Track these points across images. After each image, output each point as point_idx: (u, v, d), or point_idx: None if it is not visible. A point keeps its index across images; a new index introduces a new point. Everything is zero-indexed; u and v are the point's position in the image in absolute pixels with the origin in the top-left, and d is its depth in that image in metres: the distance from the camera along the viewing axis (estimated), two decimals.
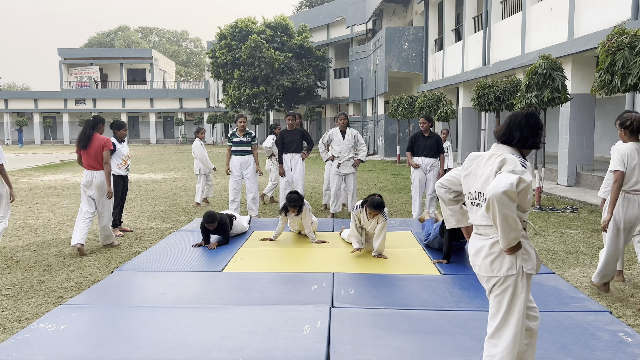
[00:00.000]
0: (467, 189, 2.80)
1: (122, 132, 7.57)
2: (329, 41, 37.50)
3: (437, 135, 8.30)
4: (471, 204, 2.77)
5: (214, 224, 6.13)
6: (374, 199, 5.51)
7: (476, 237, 2.77)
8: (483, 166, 2.70)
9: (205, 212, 6.14)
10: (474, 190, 2.72)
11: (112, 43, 74.59)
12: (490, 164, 2.66)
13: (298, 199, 6.28)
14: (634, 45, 6.47)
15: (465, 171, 2.81)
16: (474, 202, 2.74)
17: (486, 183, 2.61)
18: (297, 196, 6.31)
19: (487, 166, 2.67)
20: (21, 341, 3.55)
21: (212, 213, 6.14)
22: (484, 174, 2.66)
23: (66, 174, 17.18)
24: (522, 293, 2.63)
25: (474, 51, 18.30)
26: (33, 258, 6.09)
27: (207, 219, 6.11)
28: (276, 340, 3.54)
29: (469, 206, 2.81)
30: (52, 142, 48.88)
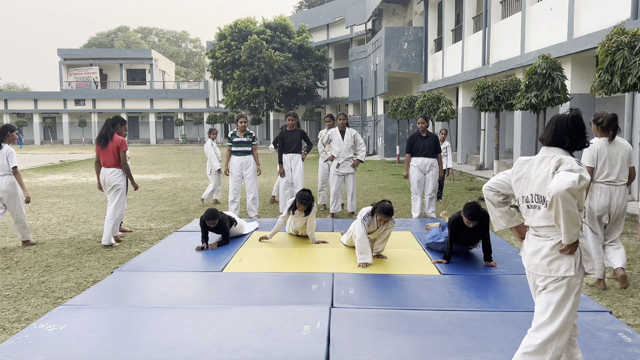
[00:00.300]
0: (520, 193, 2.85)
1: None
2: (328, 41, 37.52)
3: (434, 135, 8.31)
4: (527, 207, 2.81)
5: (215, 221, 6.08)
6: (385, 205, 5.36)
7: (534, 238, 2.80)
8: (536, 169, 2.75)
9: (207, 209, 6.12)
10: (530, 194, 2.77)
11: (111, 43, 74.59)
12: (544, 166, 2.71)
13: (310, 197, 6.19)
14: (634, 45, 6.46)
15: (516, 175, 2.87)
16: (531, 204, 2.78)
17: (543, 185, 2.67)
18: (310, 194, 6.22)
19: (540, 169, 2.73)
20: (21, 342, 3.55)
21: (214, 210, 6.13)
22: (539, 177, 2.71)
23: (66, 174, 17.17)
24: (574, 294, 2.66)
25: (474, 51, 18.30)
26: (33, 258, 6.09)
27: (209, 215, 6.07)
28: (276, 341, 3.54)
29: (524, 209, 2.84)
30: (51, 142, 48.88)
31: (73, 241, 7.02)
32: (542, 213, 2.71)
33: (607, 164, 4.80)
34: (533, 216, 2.78)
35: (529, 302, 4.29)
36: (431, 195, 8.27)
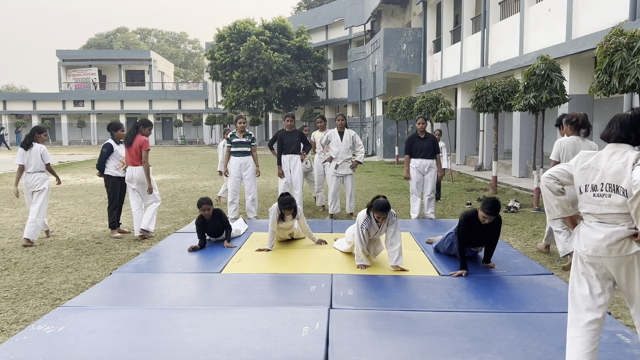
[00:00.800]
0: (584, 181, 2.97)
1: (119, 133, 7.56)
2: (327, 42, 37.53)
3: (432, 136, 8.32)
4: (593, 195, 2.92)
5: (209, 206, 6.26)
6: (379, 201, 5.10)
7: (599, 225, 2.90)
8: (607, 161, 2.89)
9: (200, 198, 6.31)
10: (601, 182, 2.88)
11: (110, 44, 74.57)
12: (617, 159, 2.86)
13: (292, 199, 6.02)
14: (632, 46, 6.47)
15: (582, 165, 2.99)
16: (600, 193, 2.89)
17: (618, 175, 2.81)
18: (290, 197, 6.06)
19: (613, 161, 2.87)
20: (19, 343, 3.54)
21: (207, 198, 6.32)
22: (612, 167, 2.84)
23: (65, 175, 17.15)
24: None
25: (473, 52, 18.32)
26: (31, 260, 6.08)
27: (202, 200, 6.26)
28: (275, 342, 3.54)
29: (587, 197, 2.95)
30: (50, 143, 48.80)
31: (72, 242, 7.01)
32: (611, 201, 2.83)
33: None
34: (599, 204, 2.88)
35: (527, 303, 4.30)
36: (430, 197, 8.27)
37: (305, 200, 10.53)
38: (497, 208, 4.95)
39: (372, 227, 5.28)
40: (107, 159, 7.36)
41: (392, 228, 5.26)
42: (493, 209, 4.95)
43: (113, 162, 7.39)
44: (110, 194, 7.41)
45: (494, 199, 5.00)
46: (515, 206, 9.26)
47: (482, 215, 4.98)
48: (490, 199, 5.03)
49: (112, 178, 7.40)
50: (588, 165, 2.96)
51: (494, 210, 4.95)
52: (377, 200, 5.14)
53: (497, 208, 4.96)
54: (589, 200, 2.94)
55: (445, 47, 21.22)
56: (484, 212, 4.93)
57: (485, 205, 4.98)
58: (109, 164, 7.37)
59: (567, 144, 5.66)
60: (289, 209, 6.00)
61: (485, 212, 4.93)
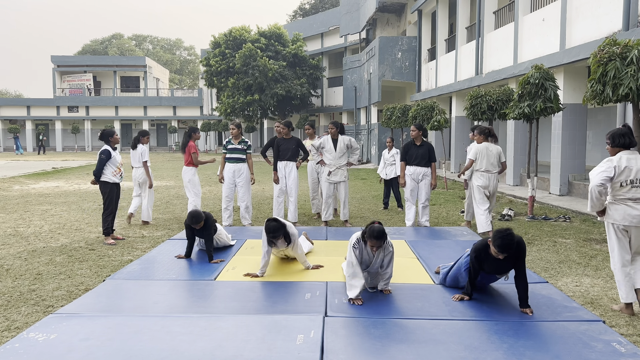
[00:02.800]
0: (625, 177, 4.37)
1: (115, 138, 7.56)
2: (322, 50, 37.64)
3: (429, 144, 8.33)
4: (631, 186, 4.37)
5: (201, 223, 5.91)
6: (374, 228, 4.39)
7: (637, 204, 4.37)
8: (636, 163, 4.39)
9: (189, 212, 5.95)
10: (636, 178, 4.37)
11: (105, 50, 74.50)
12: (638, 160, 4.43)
13: (278, 228, 5.21)
14: (625, 56, 6.52)
15: (620, 169, 4.37)
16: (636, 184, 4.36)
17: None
18: (277, 224, 5.21)
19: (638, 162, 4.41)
20: (11, 351, 3.50)
21: (198, 212, 5.95)
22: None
23: (58, 181, 17.06)
24: None
25: (467, 61, 18.42)
26: (24, 266, 6.02)
27: (192, 219, 5.86)
28: (269, 350, 3.51)
29: (627, 188, 4.38)
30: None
31: (65, 249, 6.96)
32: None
33: (485, 160, 7.78)
34: (636, 191, 4.36)
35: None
36: (424, 204, 8.28)
37: (300, 207, 10.51)
38: (510, 244, 4.10)
39: (366, 253, 4.60)
40: (105, 166, 7.34)
41: (388, 254, 4.66)
42: (506, 247, 4.10)
43: (110, 169, 7.37)
44: (106, 200, 7.37)
45: (506, 232, 4.13)
46: (510, 214, 9.28)
47: (494, 251, 4.20)
48: (501, 231, 4.15)
49: (109, 184, 7.37)
50: (625, 167, 4.36)
51: (507, 247, 4.11)
52: (372, 227, 4.42)
53: (511, 244, 4.11)
54: (628, 190, 4.38)
55: (440, 55, 21.33)
56: (496, 249, 4.15)
57: (495, 240, 4.13)
58: (106, 171, 7.35)
59: (482, 148, 7.81)
60: (274, 237, 5.24)
61: (497, 249, 4.13)
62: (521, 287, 4.26)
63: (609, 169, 4.37)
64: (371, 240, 4.42)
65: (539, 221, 8.98)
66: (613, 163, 4.40)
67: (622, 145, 4.48)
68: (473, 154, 7.84)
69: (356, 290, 4.49)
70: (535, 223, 8.78)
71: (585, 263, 6.08)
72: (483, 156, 7.78)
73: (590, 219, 9.07)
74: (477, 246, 4.44)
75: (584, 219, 9.14)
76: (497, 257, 4.20)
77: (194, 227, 5.96)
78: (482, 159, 7.77)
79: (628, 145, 4.44)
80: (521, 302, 4.28)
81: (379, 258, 4.62)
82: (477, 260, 4.41)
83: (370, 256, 4.61)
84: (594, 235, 7.67)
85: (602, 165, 4.46)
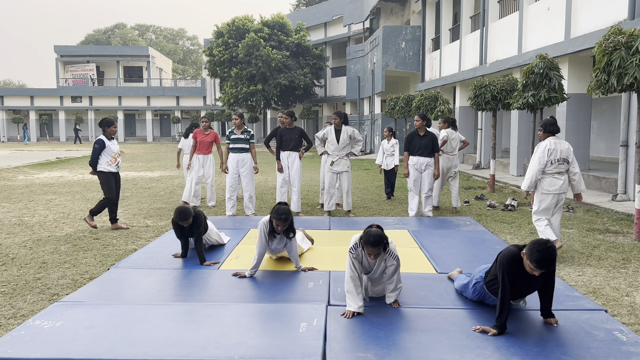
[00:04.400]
0: (553, 157, 5.65)
1: (111, 129, 7.61)
2: (326, 40, 37.48)
3: (432, 134, 8.31)
4: (557, 164, 5.68)
5: (189, 220, 5.39)
6: (370, 233, 3.89)
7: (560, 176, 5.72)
8: (561, 146, 5.69)
9: (177, 208, 5.49)
10: (561, 157, 5.68)
11: (108, 40, 74.36)
12: (562, 144, 5.73)
13: (289, 212, 4.86)
14: (631, 45, 6.48)
15: (551, 151, 5.65)
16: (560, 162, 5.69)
17: (566, 152, 5.71)
18: (288, 208, 4.91)
19: (562, 145, 5.71)
20: (17, 338, 3.54)
21: (186, 208, 5.44)
22: (563, 149, 5.70)
23: (62, 171, 17.12)
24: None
25: (471, 50, 18.32)
26: (29, 255, 6.07)
27: (180, 215, 5.36)
28: (272, 338, 3.54)
29: (553, 165, 5.68)
30: (48, 139, 48.72)
31: (69, 238, 7.00)
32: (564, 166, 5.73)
33: (449, 145, 8.99)
34: (559, 167, 5.72)
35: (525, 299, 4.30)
36: (427, 194, 8.28)
37: (304, 198, 10.53)
38: (552, 259, 3.51)
39: (365, 259, 4.09)
40: (100, 155, 7.39)
41: (392, 269, 4.10)
42: (546, 262, 3.49)
43: (105, 158, 7.44)
44: (104, 189, 7.45)
45: (547, 244, 3.51)
46: (513, 204, 9.27)
47: (529, 266, 3.56)
48: (540, 243, 3.53)
49: (105, 173, 7.44)
50: (554, 149, 5.66)
51: (548, 263, 3.50)
52: (368, 231, 3.91)
53: (552, 259, 3.52)
54: (556, 166, 5.69)
55: (444, 45, 21.22)
56: (533, 265, 3.50)
57: (532, 254, 3.50)
58: (101, 160, 7.42)
59: (450, 133, 9.22)
60: (284, 220, 4.78)
61: (535, 265, 3.49)
62: (547, 297, 3.77)
63: (544, 154, 5.66)
64: (367, 247, 3.90)
65: None
66: (546, 147, 5.68)
67: (551, 132, 5.76)
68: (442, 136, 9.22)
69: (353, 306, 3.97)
70: None
71: (588, 253, 6.08)
72: (452, 140, 9.21)
73: (593, 209, 9.06)
74: (508, 258, 3.68)
75: (587, 209, 9.13)
76: (532, 272, 3.56)
77: (181, 225, 5.45)
78: (450, 142, 9.16)
79: (555, 132, 5.76)
80: (544, 312, 3.82)
81: (380, 267, 4.11)
82: (510, 274, 3.64)
83: (370, 263, 4.11)
84: (597, 226, 7.67)
85: (538, 152, 5.73)
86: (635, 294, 4.65)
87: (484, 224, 7.88)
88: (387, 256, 4.04)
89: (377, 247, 3.88)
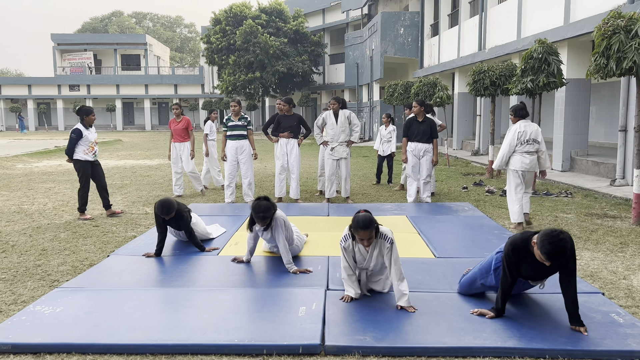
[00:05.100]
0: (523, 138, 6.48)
1: (90, 117, 7.58)
2: (324, 26, 37.26)
3: (431, 120, 8.30)
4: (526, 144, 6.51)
5: (171, 214, 5.17)
6: (358, 217, 3.73)
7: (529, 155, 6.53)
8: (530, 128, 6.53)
9: (158, 200, 5.24)
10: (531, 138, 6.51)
11: (105, 28, 73.87)
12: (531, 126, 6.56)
13: (268, 208, 4.58)
14: (630, 29, 6.45)
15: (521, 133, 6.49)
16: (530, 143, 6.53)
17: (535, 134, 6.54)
18: (268, 203, 4.61)
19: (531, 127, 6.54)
20: (18, 323, 3.56)
21: (169, 200, 5.21)
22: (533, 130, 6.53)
23: (61, 160, 17.09)
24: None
25: (470, 36, 18.23)
26: (29, 242, 6.09)
27: (162, 209, 5.10)
28: (272, 322, 3.56)
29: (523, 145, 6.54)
30: (46, 128, 48.59)
31: (69, 225, 7.01)
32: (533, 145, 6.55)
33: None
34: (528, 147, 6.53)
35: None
36: (426, 180, 8.28)
37: (302, 185, 10.54)
38: (563, 251, 3.26)
39: (357, 249, 3.92)
40: (77, 144, 7.38)
41: (387, 256, 3.86)
42: (557, 254, 3.26)
43: (82, 147, 7.45)
44: (80, 178, 7.51)
45: (559, 235, 3.25)
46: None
47: (539, 256, 3.35)
48: (553, 234, 3.26)
49: (82, 162, 7.46)
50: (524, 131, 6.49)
51: (559, 255, 3.27)
52: (356, 216, 3.76)
53: (564, 251, 3.27)
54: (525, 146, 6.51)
55: (443, 31, 21.10)
56: (544, 255, 3.29)
57: (544, 245, 3.27)
58: (78, 149, 7.44)
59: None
60: (262, 219, 4.59)
61: (546, 256, 3.28)
62: (569, 297, 3.44)
63: (514, 137, 6.52)
64: (357, 231, 3.73)
65: (541, 197, 8.99)
66: (517, 130, 6.54)
67: (521, 116, 6.68)
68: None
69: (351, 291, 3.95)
70: (537, 199, 8.79)
71: (586, 237, 6.11)
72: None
73: (591, 194, 9.08)
74: (515, 244, 3.52)
75: (585, 194, 9.15)
76: (543, 262, 3.37)
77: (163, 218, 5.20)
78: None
79: (524, 116, 6.68)
80: (571, 318, 3.47)
81: (374, 255, 3.91)
82: (515, 263, 3.53)
83: (363, 253, 3.93)
84: (595, 210, 7.69)
85: (509, 135, 6.58)
86: (632, 277, 4.68)
87: (483, 209, 7.90)
88: (380, 240, 3.84)
89: (369, 230, 3.70)
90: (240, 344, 3.26)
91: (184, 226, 5.37)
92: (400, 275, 3.82)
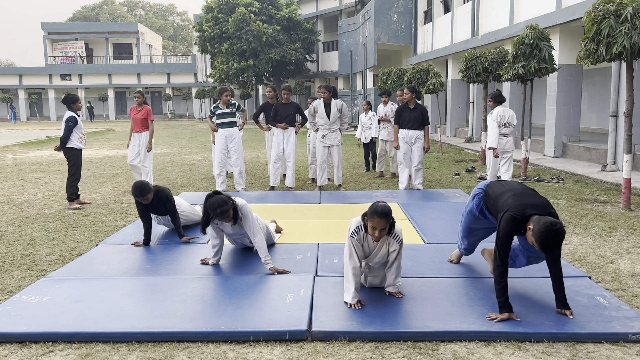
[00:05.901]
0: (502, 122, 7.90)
1: (77, 105, 7.57)
2: (317, 14, 37.01)
3: (422, 108, 8.27)
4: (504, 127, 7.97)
5: (147, 196, 5.07)
6: (378, 204, 3.54)
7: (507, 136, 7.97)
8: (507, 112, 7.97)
9: (134, 182, 5.17)
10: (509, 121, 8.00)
11: (97, 17, 73.15)
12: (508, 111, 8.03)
13: (223, 203, 4.17)
14: (620, 14, 6.42)
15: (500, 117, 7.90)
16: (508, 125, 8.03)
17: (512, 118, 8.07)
18: (221, 197, 4.20)
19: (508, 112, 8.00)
20: (3, 312, 3.54)
21: (142, 183, 5.10)
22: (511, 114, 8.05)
23: (52, 150, 16.97)
24: None
25: (463, 22, 18.15)
26: (17, 232, 6.05)
27: (136, 190, 5.00)
28: (259, 309, 3.56)
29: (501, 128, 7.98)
30: (38, 118, 48.23)
31: (58, 215, 6.98)
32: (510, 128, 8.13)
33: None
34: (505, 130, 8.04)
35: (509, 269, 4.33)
36: (417, 167, 8.28)
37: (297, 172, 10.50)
38: (557, 244, 3.25)
39: (366, 243, 3.74)
40: (72, 132, 7.33)
41: (394, 254, 3.74)
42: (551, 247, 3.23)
43: (77, 135, 7.40)
44: (73, 167, 7.45)
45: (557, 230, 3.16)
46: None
47: (532, 242, 3.28)
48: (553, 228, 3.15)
49: (76, 150, 7.41)
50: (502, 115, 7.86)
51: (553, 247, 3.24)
52: (375, 203, 3.57)
53: (558, 244, 3.25)
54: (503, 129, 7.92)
55: (436, 17, 21.01)
56: (538, 244, 3.22)
57: (540, 236, 3.17)
58: (73, 137, 7.37)
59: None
60: (221, 214, 4.19)
61: (539, 245, 3.21)
62: (555, 280, 3.44)
63: (497, 119, 7.94)
64: (373, 218, 3.50)
65: (532, 183, 9.01)
66: (498, 114, 7.98)
67: (499, 102, 8.10)
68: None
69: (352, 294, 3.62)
70: (529, 184, 8.80)
71: (576, 222, 6.13)
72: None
73: (582, 180, 9.11)
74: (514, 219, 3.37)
75: (576, 180, 9.18)
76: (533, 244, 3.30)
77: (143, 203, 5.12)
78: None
79: (502, 101, 8.12)
80: (558, 301, 3.48)
81: (381, 251, 3.74)
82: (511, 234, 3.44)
83: (370, 247, 3.76)
84: (585, 196, 7.71)
85: (493, 117, 8.00)
86: (619, 260, 4.70)
87: None
88: (391, 239, 3.70)
89: (385, 219, 3.50)
90: (226, 330, 3.26)
91: (169, 207, 5.27)
92: (399, 273, 3.82)
